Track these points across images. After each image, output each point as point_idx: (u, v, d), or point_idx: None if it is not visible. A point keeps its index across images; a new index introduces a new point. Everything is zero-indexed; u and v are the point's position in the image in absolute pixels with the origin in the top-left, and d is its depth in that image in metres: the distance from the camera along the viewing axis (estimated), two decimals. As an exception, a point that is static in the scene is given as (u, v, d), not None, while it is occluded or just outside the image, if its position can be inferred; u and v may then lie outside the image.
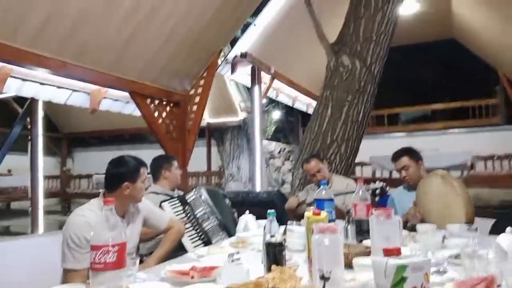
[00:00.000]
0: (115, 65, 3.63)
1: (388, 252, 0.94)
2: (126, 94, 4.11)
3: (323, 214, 1.50)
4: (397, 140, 9.35)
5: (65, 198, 10.66)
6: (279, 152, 10.54)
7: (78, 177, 11.06)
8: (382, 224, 1.62)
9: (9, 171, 10.19)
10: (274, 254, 1.39)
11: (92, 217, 2.02)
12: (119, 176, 2.13)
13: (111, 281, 1.32)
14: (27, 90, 3.67)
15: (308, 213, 1.53)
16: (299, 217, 2.95)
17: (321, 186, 2.11)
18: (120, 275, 1.34)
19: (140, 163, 2.24)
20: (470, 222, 2.28)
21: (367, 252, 1.66)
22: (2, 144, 6.12)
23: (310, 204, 3.03)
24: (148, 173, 2.32)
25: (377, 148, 7.08)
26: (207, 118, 9.31)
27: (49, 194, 7.94)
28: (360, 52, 4.06)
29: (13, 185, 9.72)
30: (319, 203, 2.02)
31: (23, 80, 3.54)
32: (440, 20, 7.75)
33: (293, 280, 1.16)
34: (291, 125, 13.51)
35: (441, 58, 12.32)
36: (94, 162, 11.46)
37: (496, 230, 2.49)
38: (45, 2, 2.89)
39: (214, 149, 10.36)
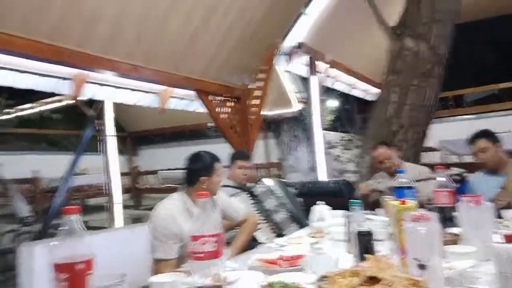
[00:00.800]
0: (180, 65, 3.79)
1: (509, 238, 0.92)
2: (191, 92, 4.26)
3: (411, 202, 1.49)
4: (464, 122, 8.85)
5: (136, 194, 11.28)
6: (338, 142, 10.39)
7: (146, 173, 11.64)
8: (471, 211, 1.58)
9: (83, 170, 10.95)
10: (364, 243, 1.41)
11: (174, 209, 2.15)
12: (197, 171, 2.25)
13: (209, 269, 1.40)
14: (102, 94, 3.93)
15: (394, 202, 1.53)
16: (370, 205, 2.92)
17: (397, 174, 2.09)
18: (218, 264, 1.42)
19: (214, 158, 2.34)
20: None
21: (456, 240, 1.63)
22: (77, 146, 6.56)
23: (382, 192, 2.98)
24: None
25: (444, 132, 6.76)
26: (263, 110, 9.39)
27: (122, 190, 8.45)
28: (424, 34, 3.90)
29: (89, 183, 10.45)
30: (399, 192, 1.99)
31: (100, 84, 3.80)
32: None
33: (391, 269, 1.17)
34: (348, 113, 13.21)
35: (505, 35, 11.45)
36: (158, 158, 12.01)
37: None
38: (112, 11, 3.07)
39: (271, 141, 10.43)
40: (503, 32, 10.95)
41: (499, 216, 2.10)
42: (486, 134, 2.77)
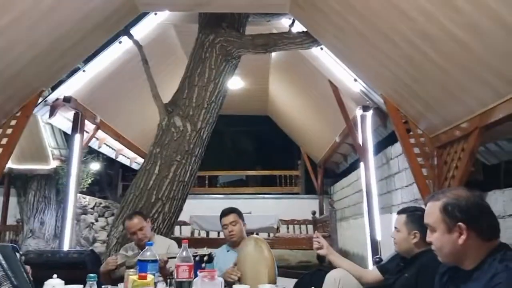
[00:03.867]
0: None
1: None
2: None
3: (149, 277, 1.47)
4: (217, 201, 9.81)
5: None
6: (93, 208, 9.71)
7: None
8: (206, 285, 1.68)
9: None
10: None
11: None
12: None
13: None
14: None
15: (133, 276, 1.48)
16: (115, 280, 2.75)
17: (146, 246, 2.07)
18: None
19: None
20: (272, 282, 2.54)
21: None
22: None
23: (129, 267, 2.86)
24: None
25: (196, 208, 7.26)
26: (9, 163, 7.99)
27: None
28: (192, 116, 4.27)
29: None
30: (142, 265, 1.95)
31: None
32: (258, 98, 8.87)
33: None
34: (110, 179, 12.72)
35: (257, 131, 13.89)
36: None
37: (298, 288, 2.85)
38: None
39: (13, 200, 8.85)
40: (259, 128, 13.21)
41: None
42: (236, 211, 3.19)
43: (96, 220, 9.61)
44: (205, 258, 2.50)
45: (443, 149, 3.85)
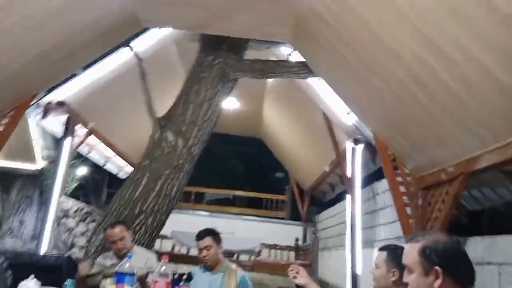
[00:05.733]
0: None
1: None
2: None
3: (127, 289, 1.48)
4: (201, 218, 9.73)
5: None
6: (75, 212, 9.57)
7: None
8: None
9: None
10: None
11: None
12: None
13: None
14: None
15: (112, 286, 1.48)
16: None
17: (126, 258, 2.07)
18: None
19: None
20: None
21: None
22: None
23: (105, 276, 2.84)
24: None
25: (179, 223, 7.21)
26: (-5, 159, 7.90)
27: None
28: (184, 132, 4.31)
29: None
30: (120, 277, 1.95)
31: None
32: (251, 120, 8.96)
33: None
34: (96, 185, 12.56)
35: (248, 152, 13.94)
36: None
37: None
38: None
39: (-6, 197, 8.71)
40: (250, 150, 13.26)
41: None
42: (212, 233, 3.12)
43: (77, 225, 9.45)
44: (184, 277, 2.52)
45: (428, 190, 3.90)
